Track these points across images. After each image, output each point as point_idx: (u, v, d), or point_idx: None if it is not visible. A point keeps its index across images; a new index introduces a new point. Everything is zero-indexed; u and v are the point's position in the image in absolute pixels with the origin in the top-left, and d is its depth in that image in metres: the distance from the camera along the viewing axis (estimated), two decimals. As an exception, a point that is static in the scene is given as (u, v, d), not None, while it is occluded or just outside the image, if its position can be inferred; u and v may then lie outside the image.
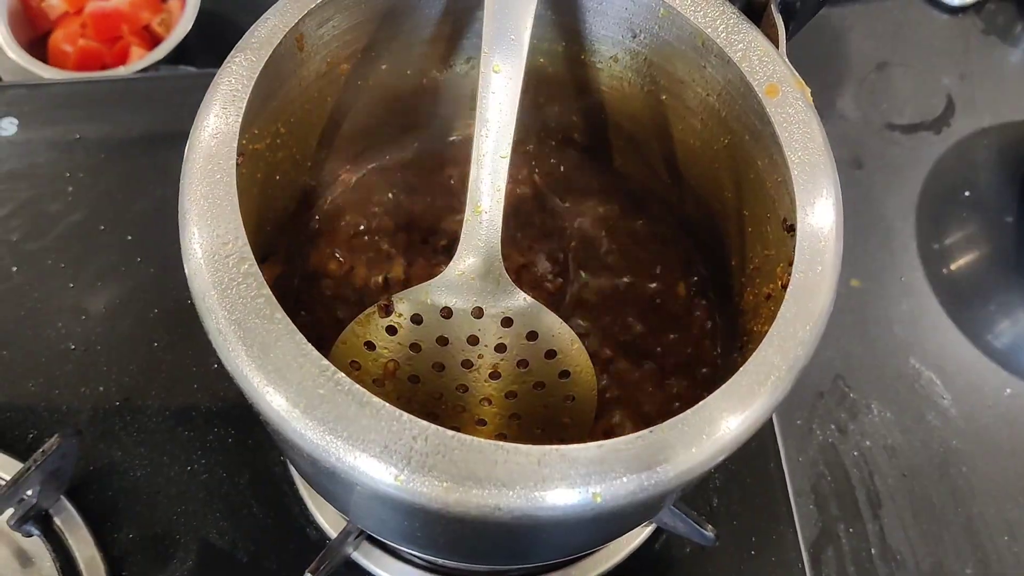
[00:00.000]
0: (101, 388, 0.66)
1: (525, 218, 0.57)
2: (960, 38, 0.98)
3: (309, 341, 0.34)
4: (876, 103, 0.92)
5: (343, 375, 0.34)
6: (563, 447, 0.33)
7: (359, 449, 0.32)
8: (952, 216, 0.86)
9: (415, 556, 0.60)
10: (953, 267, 0.83)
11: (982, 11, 0.99)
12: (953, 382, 0.77)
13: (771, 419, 0.68)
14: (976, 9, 0.99)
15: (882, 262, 0.82)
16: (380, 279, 0.54)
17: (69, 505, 0.61)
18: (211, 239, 0.36)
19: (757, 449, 0.66)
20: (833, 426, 0.74)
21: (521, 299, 0.47)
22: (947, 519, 0.71)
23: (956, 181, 0.88)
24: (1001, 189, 0.88)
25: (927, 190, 0.87)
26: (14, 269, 0.70)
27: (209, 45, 0.91)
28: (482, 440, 0.33)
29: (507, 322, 0.47)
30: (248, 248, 0.36)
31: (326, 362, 0.34)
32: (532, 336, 0.48)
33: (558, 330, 0.48)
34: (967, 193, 0.87)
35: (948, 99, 0.93)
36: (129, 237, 0.72)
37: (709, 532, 0.55)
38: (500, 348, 0.47)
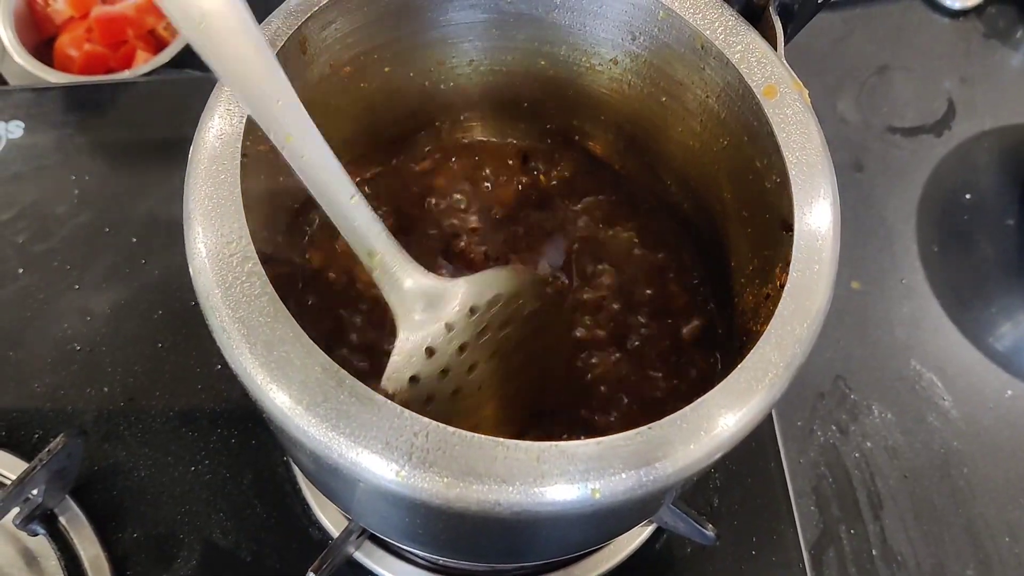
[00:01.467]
0: (106, 389, 0.66)
1: (527, 219, 0.57)
2: (961, 41, 0.98)
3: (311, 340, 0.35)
4: (877, 106, 0.92)
5: (345, 372, 0.34)
6: (562, 443, 0.33)
7: (361, 445, 0.33)
8: (953, 219, 0.86)
9: (417, 555, 0.61)
10: (954, 270, 0.83)
11: (983, 14, 0.99)
12: (954, 384, 0.77)
13: (771, 419, 0.68)
14: (977, 12, 0.99)
15: (883, 264, 0.83)
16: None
17: (74, 505, 0.61)
18: (215, 238, 0.37)
19: (757, 449, 0.67)
20: (834, 427, 0.74)
21: (461, 289, 0.44)
22: (948, 520, 0.71)
23: (957, 184, 0.88)
24: (1002, 192, 0.88)
25: (928, 193, 0.87)
26: (20, 271, 0.71)
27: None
28: (482, 436, 0.33)
29: (472, 311, 0.45)
30: (252, 247, 0.36)
31: (328, 360, 0.34)
32: (495, 300, 0.46)
33: (502, 276, 0.46)
34: (968, 196, 0.87)
35: (949, 102, 0.93)
36: (134, 239, 0.72)
37: (709, 531, 0.55)
38: (483, 333, 0.47)
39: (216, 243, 0.37)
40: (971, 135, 0.91)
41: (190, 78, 0.86)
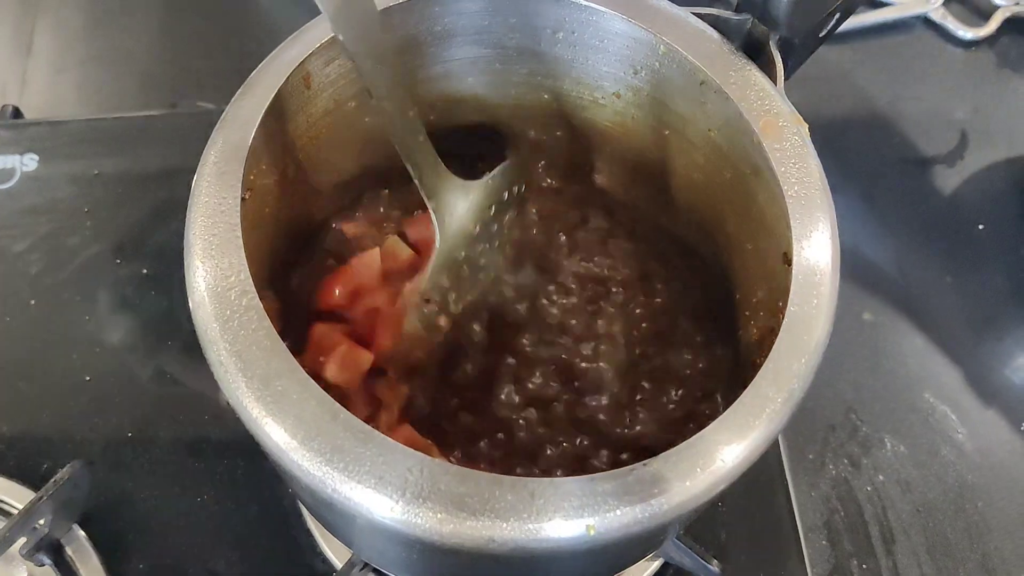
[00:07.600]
0: (114, 419, 0.66)
1: (528, 256, 0.57)
2: (973, 71, 0.98)
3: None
4: (889, 137, 0.92)
5: (340, 407, 0.34)
6: (556, 479, 0.33)
7: (355, 480, 0.33)
8: (966, 250, 0.86)
9: (421, 589, 0.60)
10: (968, 301, 0.83)
11: (995, 44, 0.99)
12: (968, 416, 0.76)
13: (779, 452, 0.68)
14: (989, 43, 0.99)
15: (895, 296, 0.82)
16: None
17: (81, 535, 0.61)
18: (214, 272, 0.37)
19: (765, 483, 0.66)
20: (846, 460, 0.73)
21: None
22: (962, 555, 0.70)
23: (970, 215, 0.88)
24: (1016, 222, 0.87)
25: (941, 224, 0.87)
26: (32, 302, 0.71)
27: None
28: (476, 472, 0.33)
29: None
30: (250, 281, 0.37)
31: (324, 394, 0.34)
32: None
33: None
34: (981, 226, 0.87)
35: (962, 133, 0.93)
36: (145, 271, 0.73)
37: (715, 567, 0.55)
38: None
39: (215, 276, 0.37)
40: (984, 165, 0.91)
41: (203, 111, 0.87)
